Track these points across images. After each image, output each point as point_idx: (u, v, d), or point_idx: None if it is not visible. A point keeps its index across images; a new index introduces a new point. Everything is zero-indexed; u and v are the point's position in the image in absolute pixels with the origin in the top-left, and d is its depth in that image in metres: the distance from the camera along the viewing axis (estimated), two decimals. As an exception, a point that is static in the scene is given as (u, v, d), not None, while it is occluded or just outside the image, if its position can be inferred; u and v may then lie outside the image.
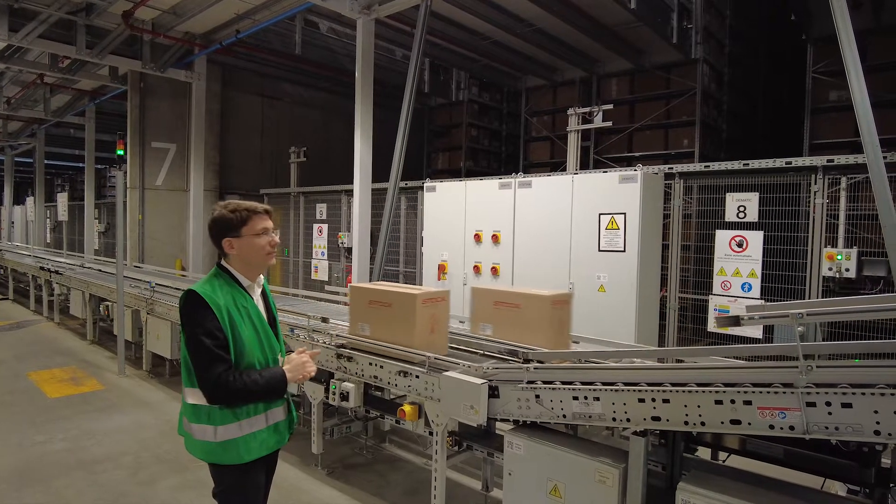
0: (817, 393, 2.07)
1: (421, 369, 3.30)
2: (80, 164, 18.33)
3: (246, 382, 2.10)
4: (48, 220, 18.90)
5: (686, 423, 2.38)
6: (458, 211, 6.81)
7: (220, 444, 2.18)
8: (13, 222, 21.98)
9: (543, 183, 6.07)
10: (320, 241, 9.92)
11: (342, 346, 3.83)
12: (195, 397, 2.19)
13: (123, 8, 8.59)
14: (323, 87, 12.79)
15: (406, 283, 8.55)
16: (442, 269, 6.92)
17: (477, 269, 6.60)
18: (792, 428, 2.12)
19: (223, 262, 2.29)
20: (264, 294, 2.42)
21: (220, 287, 2.21)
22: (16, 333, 9.21)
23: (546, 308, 3.57)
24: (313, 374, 2.33)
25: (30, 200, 17.41)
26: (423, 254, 7.43)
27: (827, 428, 2.06)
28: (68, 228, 17.07)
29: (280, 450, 2.43)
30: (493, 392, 2.93)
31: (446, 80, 12.67)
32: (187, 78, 10.79)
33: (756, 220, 5.22)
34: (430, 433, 3.40)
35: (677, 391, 2.40)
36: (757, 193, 5.22)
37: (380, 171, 7.71)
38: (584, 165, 8.96)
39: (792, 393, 2.11)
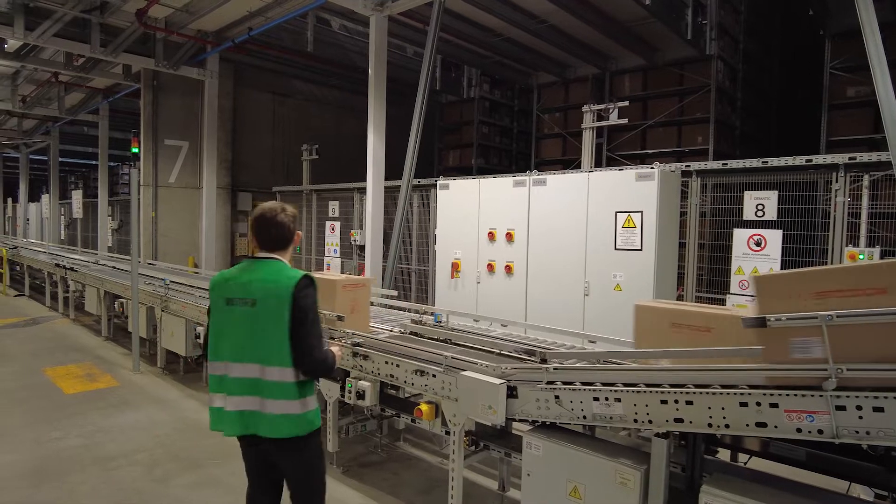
0: (847, 396, 2.03)
1: (438, 368, 3.28)
2: (93, 162, 18.51)
3: (330, 357, 2.48)
4: (62, 217, 19.09)
5: (710, 425, 2.35)
6: (471, 209, 6.78)
7: (314, 411, 2.45)
8: (28, 219, 22.22)
9: (558, 180, 6.02)
10: (332, 238, 9.93)
11: (358, 344, 3.82)
12: (295, 375, 2.39)
13: (137, 6, 8.63)
14: (334, 85, 12.80)
15: (418, 280, 8.55)
16: (455, 267, 6.89)
17: (491, 267, 6.57)
18: (820, 431, 2.07)
19: (278, 257, 2.51)
20: None
21: None
22: (31, 330, 9.30)
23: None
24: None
25: (45, 198, 17.62)
26: (435, 252, 7.40)
27: (857, 432, 2.01)
28: (82, 225, 17.23)
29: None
30: (512, 392, 2.91)
31: (457, 77, 12.62)
32: (200, 76, 10.83)
33: (775, 218, 5.15)
34: (447, 433, 3.38)
35: (701, 393, 2.37)
36: (776, 191, 5.14)
37: (391, 168, 7.70)
38: (597, 163, 8.90)
39: (820, 396, 2.07)
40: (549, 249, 6.04)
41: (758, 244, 5.23)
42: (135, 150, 9.96)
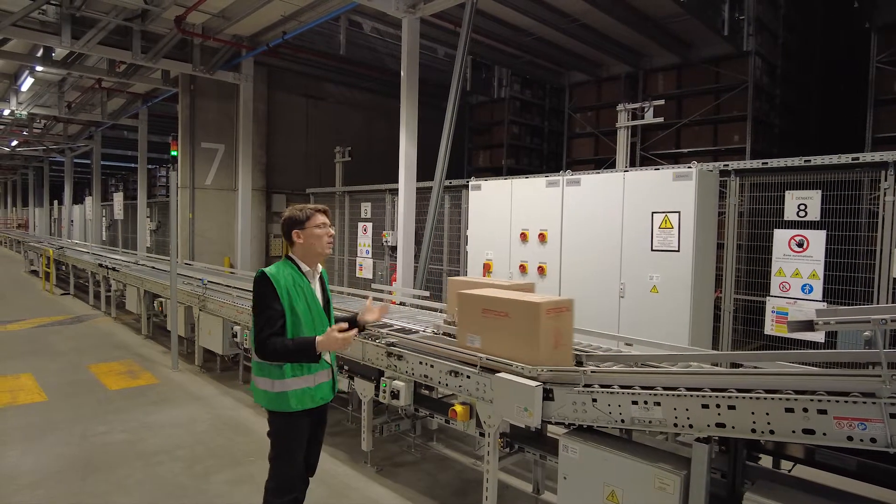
0: (902, 403, 1.96)
1: (472, 370, 3.28)
2: (132, 165, 19.11)
3: (277, 345, 2.65)
4: (104, 218, 19.73)
5: (753, 430, 2.30)
6: (503, 209, 6.75)
7: (276, 394, 2.75)
8: (72, 221, 23.03)
9: (593, 180, 5.95)
10: (365, 239, 10.02)
11: (392, 344, 3.85)
12: (256, 356, 2.78)
13: (176, 13, 8.87)
14: (366, 87, 12.92)
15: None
16: (487, 268, 6.88)
17: (523, 268, 6.53)
18: (873, 440, 2.01)
19: (289, 253, 2.88)
20: (322, 281, 2.98)
21: (285, 270, 2.78)
22: (76, 327, 9.64)
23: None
24: (345, 348, 2.80)
25: (88, 200, 18.25)
26: (467, 253, 7.40)
27: (913, 441, 1.94)
28: (122, 226, 17.77)
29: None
30: (548, 395, 2.89)
31: (488, 77, 12.61)
32: (235, 80, 11.07)
33: (818, 218, 4.99)
34: (481, 434, 3.38)
35: (744, 398, 2.32)
36: (819, 191, 4.98)
37: (421, 168, 7.73)
38: (630, 162, 8.79)
39: (874, 403, 2.00)
40: (583, 250, 5.97)
41: (800, 245, 5.08)
42: (174, 152, 10.24)
